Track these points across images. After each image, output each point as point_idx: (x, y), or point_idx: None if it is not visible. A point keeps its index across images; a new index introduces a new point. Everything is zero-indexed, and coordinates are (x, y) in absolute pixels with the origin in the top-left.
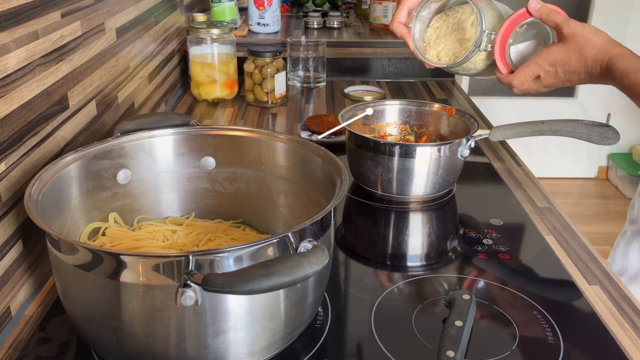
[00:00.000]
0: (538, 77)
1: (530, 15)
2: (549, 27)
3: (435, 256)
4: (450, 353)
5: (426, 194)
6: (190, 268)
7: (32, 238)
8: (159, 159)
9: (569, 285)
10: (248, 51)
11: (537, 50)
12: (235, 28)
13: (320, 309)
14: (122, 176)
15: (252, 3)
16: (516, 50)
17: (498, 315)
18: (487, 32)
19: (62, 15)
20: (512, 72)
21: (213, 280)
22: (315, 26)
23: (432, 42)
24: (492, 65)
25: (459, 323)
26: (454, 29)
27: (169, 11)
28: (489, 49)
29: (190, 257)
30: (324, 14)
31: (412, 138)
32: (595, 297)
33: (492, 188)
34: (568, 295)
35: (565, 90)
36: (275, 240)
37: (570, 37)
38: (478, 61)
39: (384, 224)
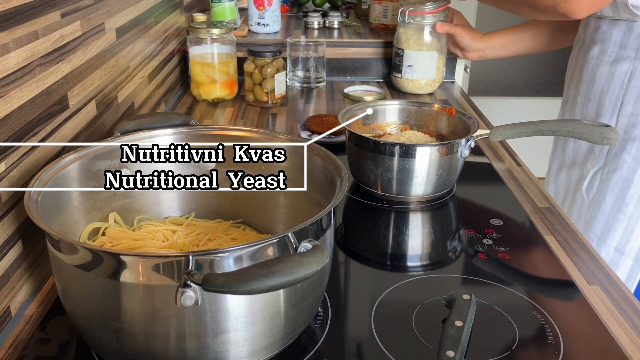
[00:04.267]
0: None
1: None
2: None
3: (435, 256)
4: (450, 353)
5: (426, 194)
6: (190, 268)
7: (32, 238)
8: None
9: (569, 285)
10: (248, 51)
11: None
12: (235, 28)
13: (320, 309)
14: None
15: (252, 3)
16: None
17: (498, 315)
18: None
19: (62, 15)
20: None
21: (213, 280)
22: (315, 26)
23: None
24: None
25: (459, 323)
26: None
27: (168, 11)
28: None
29: (190, 257)
30: (324, 14)
31: None
32: (595, 297)
33: (492, 188)
34: (568, 295)
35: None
36: (275, 240)
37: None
38: None
39: (384, 224)
